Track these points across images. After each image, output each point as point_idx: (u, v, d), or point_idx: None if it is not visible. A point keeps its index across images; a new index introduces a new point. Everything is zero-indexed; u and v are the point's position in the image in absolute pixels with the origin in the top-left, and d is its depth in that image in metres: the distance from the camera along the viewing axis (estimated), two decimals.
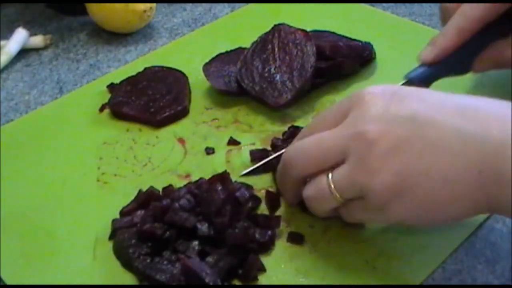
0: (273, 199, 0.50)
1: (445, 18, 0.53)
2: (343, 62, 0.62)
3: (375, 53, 0.65)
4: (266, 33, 0.63)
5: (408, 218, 0.41)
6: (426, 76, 0.52)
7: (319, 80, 0.61)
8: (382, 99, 0.41)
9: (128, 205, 0.50)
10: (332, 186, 0.42)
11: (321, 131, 0.44)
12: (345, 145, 0.41)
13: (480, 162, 0.38)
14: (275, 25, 0.63)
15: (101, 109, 0.62)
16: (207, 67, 0.63)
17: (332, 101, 0.61)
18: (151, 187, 0.50)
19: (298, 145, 0.45)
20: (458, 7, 0.51)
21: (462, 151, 0.38)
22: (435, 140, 0.39)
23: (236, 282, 0.45)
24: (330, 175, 0.42)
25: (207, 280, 0.42)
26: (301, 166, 0.45)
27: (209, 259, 0.44)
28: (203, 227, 0.45)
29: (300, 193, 0.46)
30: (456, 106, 0.40)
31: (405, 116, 0.40)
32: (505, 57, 0.51)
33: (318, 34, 0.66)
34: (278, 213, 0.49)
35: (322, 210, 0.45)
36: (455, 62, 0.52)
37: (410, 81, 0.52)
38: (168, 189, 0.50)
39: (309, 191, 0.45)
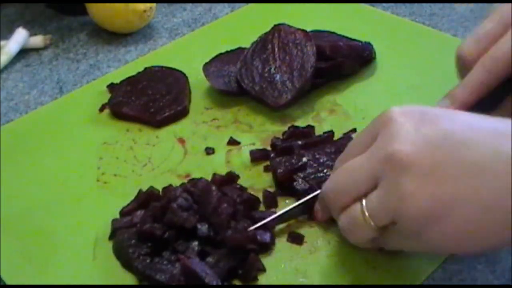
0: (269, 198, 0.50)
1: (461, 68, 0.50)
2: (343, 62, 0.62)
3: (375, 53, 0.65)
4: (266, 33, 0.63)
5: (445, 246, 0.39)
6: None
7: (319, 80, 0.61)
8: (412, 118, 0.39)
9: (128, 205, 0.50)
10: (366, 213, 0.40)
11: (351, 158, 0.42)
12: (375, 169, 0.39)
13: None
14: (275, 25, 0.63)
15: (101, 109, 0.62)
16: (207, 67, 0.63)
17: (332, 101, 0.61)
18: (151, 187, 0.50)
19: (331, 178, 0.44)
20: (478, 58, 0.48)
21: (502, 173, 0.36)
22: (472, 162, 0.37)
23: (236, 282, 0.45)
24: (363, 202, 0.40)
25: (207, 280, 0.42)
26: (336, 200, 0.43)
27: (209, 259, 0.44)
28: (203, 228, 0.45)
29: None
30: (489, 126, 0.38)
31: (438, 137, 0.38)
32: None
33: (318, 34, 0.66)
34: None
35: (360, 240, 0.43)
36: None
37: None
38: (168, 189, 0.50)
39: (343, 221, 0.43)
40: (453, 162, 0.37)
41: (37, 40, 0.72)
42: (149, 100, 0.61)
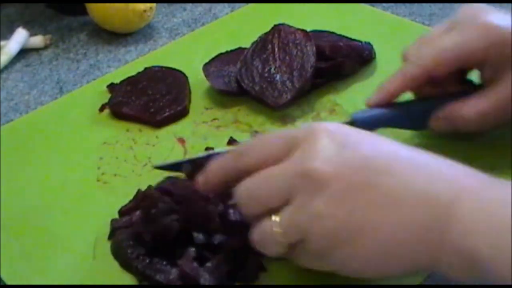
0: None
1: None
2: (343, 62, 0.62)
3: (375, 53, 0.65)
4: (266, 33, 0.63)
5: (348, 269, 0.39)
6: (372, 120, 0.51)
7: (319, 80, 0.61)
8: (335, 140, 0.39)
9: (126, 205, 0.50)
10: (275, 229, 0.39)
11: (265, 162, 0.40)
12: (291, 183, 0.38)
13: (428, 220, 0.36)
14: (275, 25, 0.63)
15: (101, 109, 0.62)
16: (207, 67, 0.63)
17: (332, 101, 0.61)
18: (150, 186, 0.50)
19: (244, 185, 0.41)
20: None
21: (413, 207, 0.37)
22: (387, 192, 0.37)
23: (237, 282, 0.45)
24: (273, 218, 0.39)
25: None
26: (248, 207, 0.41)
27: (208, 264, 0.44)
28: (200, 235, 0.44)
29: None
30: (409, 158, 0.39)
31: (358, 162, 0.38)
32: (460, 118, 0.50)
33: (318, 34, 0.66)
34: None
35: (271, 253, 0.41)
36: (408, 117, 0.52)
37: (354, 122, 0.50)
38: (147, 194, 0.48)
39: (254, 234, 0.41)
40: (368, 188, 0.37)
41: (37, 40, 0.73)
42: (149, 100, 0.61)
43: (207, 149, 0.56)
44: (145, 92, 0.61)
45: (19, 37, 0.71)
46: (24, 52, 0.72)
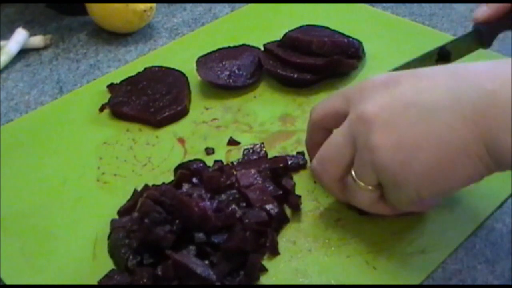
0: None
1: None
2: (339, 59, 0.61)
3: (363, 50, 0.65)
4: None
5: (422, 189, 0.41)
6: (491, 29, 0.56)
7: (315, 77, 0.61)
8: (379, 84, 0.43)
9: (124, 204, 0.50)
10: (357, 179, 0.44)
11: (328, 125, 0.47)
12: (351, 133, 0.43)
13: (474, 114, 0.38)
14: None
15: (101, 109, 0.62)
16: (199, 59, 0.64)
17: None
18: (146, 185, 0.50)
19: (317, 156, 0.46)
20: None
21: (457, 108, 0.39)
22: (429, 104, 0.40)
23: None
24: (352, 170, 0.44)
25: (198, 271, 0.42)
26: (327, 175, 0.46)
27: (210, 260, 0.44)
28: (200, 234, 0.44)
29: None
30: (447, 70, 0.42)
31: (398, 94, 0.42)
32: None
33: (310, 28, 0.66)
34: None
35: (368, 205, 0.46)
36: None
37: (477, 30, 0.56)
38: (143, 204, 0.47)
39: (346, 194, 0.46)
40: (412, 106, 0.41)
41: (37, 40, 0.72)
42: (149, 100, 0.61)
43: (207, 149, 0.56)
44: (145, 92, 0.61)
45: (19, 37, 0.71)
46: (24, 52, 0.72)
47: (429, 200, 0.46)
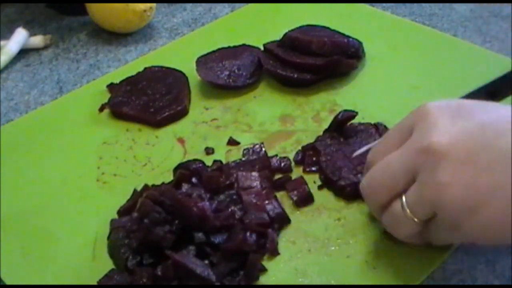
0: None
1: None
2: (339, 59, 0.61)
3: (363, 50, 0.65)
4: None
5: (483, 236, 0.39)
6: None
7: (315, 77, 0.61)
8: (448, 111, 0.40)
9: (124, 204, 0.50)
10: (407, 209, 0.40)
11: (386, 153, 0.42)
12: (412, 162, 0.40)
13: None
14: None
15: (101, 109, 0.62)
16: (199, 59, 0.64)
17: (332, 101, 0.61)
18: (145, 185, 0.50)
19: (368, 176, 0.44)
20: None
21: None
22: (507, 151, 0.37)
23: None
24: (403, 198, 0.41)
25: (198, 271, 0.42)
26: (374, 196, 0.43)
27: (209, 260, 0.44)
28: (199, 234, 0.44)
29: None
30: None
31: (474, 128, 0.38)
32: None
33: (310, 28, 0.66)
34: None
35: (406, 236, 0.43)
36: None
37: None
38: (142, 204, 0.47)
39: (386, 218, 0.43)
40: (488, 150, 0.37)
41: (37, 40, 0.73)
42: (149, 100, 0.61)
43: (206, 149, 0.56)
44: (145, 92, 0.61)
45: (19, 37, 0.71)
46: (24, 52, 0.72)
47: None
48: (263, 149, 0.54)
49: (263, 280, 0.45)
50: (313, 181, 0.52)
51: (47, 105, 0.64)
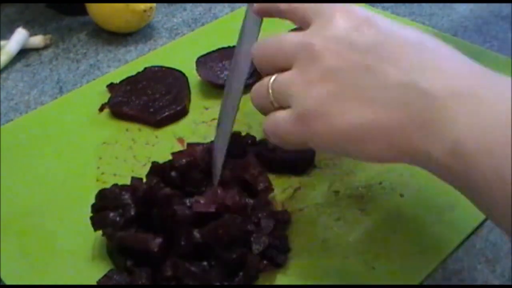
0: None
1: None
2: None
3: None
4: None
5: (323, 141, 0.41)
6: None
7: None
8: (348, 20, 0.41)
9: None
10: (270, 88, 0.43)
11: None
12: (295, 51, 0.41)
13: (412, 109, 0.36)
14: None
15: (101, 109, 0.62)
16: (199, 59, 0.64)
17: None
18: (133, 178, 0.49)
19: (263, 41, 0.46)
20: None
21: (402, 96, 0.37)
22: (379, 76, 0.38)
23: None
24: (273, 77, 0.43)
25: (197, 271, 0.42)
26: (261, 63, 0.45)
27: (205, 263, 0.44)
28: (198, 234, 0.44)
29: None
30: (417, 49, 0.39)
31: (362, 45, 0.39)
32: None
33: None
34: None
35: (259, 105, 0.45)
36: None
37: None
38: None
39: (255, 86, 0.45)
40: (362, 68, 0.38)
41: (37, 40, 0.73)
42: (149, 100, 0.61)
43: None
44: (145, 91, 0.61)
45: (19, 37, 0.71)
46: (24, 52, 0.72)
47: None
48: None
49: (263, 280, 0.45)
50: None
51: (47, 105, 0.64)
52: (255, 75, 0.63)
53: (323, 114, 0.39)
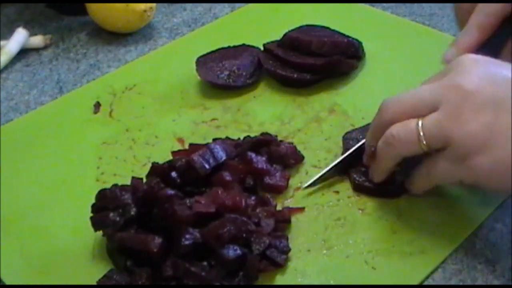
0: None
1: (461, 20, 0.54)
2: (339, 59, 0.61)
3: (363, 50, 0.65)
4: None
5: (487, 176, 0.42)
6: None
7: (315, 77, 0.61)
8: (482, 62, 0.44)
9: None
10: (421, 131, 0.43)
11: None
12: (440, 95, 0.43)
13: None
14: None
15: (96, 106, 0.62)
16: (199, 59, 0.64)
17: (331, 101, 0.61)
18: (133, 178, 0.49)
19: (395, 96, 0.47)
20: (474, 7, 0.52)
21: None
22: None
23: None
24: (420, 121, 0.43)
25: (197, 271, 0.42)
26: (393, 110, 0.46)
27: (207, 262, 0.44)
28: (197, 234, 0.44)
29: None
30: None
31: (505, 77, 0.42)
32: None
33: (309, 28, 0.66)
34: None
35: (395, 156, 0.46)
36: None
37: None
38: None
39: (395, 129, 0.45)
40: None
41: (37, 40, 0.72)
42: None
43: None
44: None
45: (19, 37, 0.71)
46: (24, 52, 0.72)
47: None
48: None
49: (263, 280, 0.45)
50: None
51: (47, 105, 0.64)
52: (255, 75, 0.63)
53: (486, 149, 0.41)
